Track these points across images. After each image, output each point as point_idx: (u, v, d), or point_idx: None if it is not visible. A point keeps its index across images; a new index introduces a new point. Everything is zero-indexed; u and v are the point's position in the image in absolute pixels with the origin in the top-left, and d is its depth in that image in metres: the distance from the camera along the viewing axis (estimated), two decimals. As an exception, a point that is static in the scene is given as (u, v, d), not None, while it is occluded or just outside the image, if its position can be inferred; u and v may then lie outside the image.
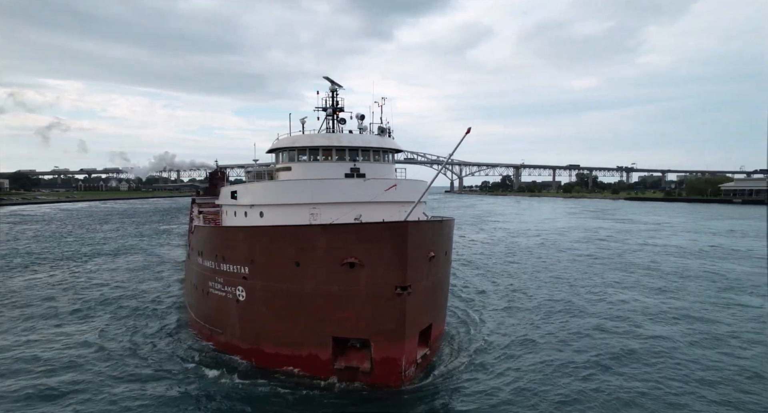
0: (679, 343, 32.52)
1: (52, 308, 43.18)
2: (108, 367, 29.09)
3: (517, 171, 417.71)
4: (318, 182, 29.73)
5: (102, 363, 29.79)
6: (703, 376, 27.19)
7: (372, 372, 25.51)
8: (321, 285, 26.06)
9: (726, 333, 34.44)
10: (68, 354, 31.48)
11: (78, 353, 31.77)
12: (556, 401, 24.26)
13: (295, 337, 27.37)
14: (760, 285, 50.09)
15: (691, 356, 30.26)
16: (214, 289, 31.96)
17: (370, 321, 25.24)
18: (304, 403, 24.42)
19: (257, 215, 30.99)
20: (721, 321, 37.42)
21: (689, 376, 27.21)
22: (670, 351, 30.99)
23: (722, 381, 26.63)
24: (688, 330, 35.27)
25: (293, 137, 32.44)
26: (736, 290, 48.35)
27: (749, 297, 45.28)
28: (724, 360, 29.44)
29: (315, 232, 26.07)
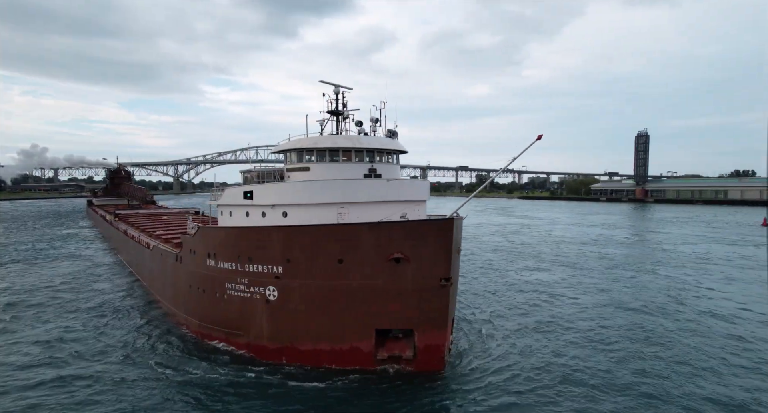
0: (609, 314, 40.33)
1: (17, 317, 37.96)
2: (126, 388, 26.98)
3: (423, 172, 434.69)
4: (345, 182, 30.30)
5: (109, 385, 27.33)
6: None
7: (415, 359, 26.96)
8: (366, 280, 26.95)
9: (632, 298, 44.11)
10: (65, 367, 28.59)
11: (77, 367, 28.97)
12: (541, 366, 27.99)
13: (336, 332, 27.86)
14: (637, 263, 65.61)
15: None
16: (234, 291, 31.00)
17: (416, 311, 26.70)
18: (348, 394, 25.09)
19: (279, 215, 30.57)
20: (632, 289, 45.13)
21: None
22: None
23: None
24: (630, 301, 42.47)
25: (313, 138, 32.39)
26: (623, 266, 63.22)
27: (633, 272, 59.05)
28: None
29: (362, 230, 26.86)
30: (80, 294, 47.99)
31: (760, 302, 43.57)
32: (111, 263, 67.74)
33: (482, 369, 27.96)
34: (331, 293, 27.67)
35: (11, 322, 38.54)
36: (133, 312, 41.63)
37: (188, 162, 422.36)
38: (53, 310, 42.05)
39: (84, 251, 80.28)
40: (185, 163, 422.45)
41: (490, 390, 25.31)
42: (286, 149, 33.10)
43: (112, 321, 38.69)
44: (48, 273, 59.64)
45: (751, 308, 41.59)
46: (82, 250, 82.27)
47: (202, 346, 32.84)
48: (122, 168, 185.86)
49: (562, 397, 24.49)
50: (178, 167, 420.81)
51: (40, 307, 42.97)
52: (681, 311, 40.86)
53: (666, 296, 45.93)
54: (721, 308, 41.49)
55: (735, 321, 38.10)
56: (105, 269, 62.47)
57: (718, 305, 42.82)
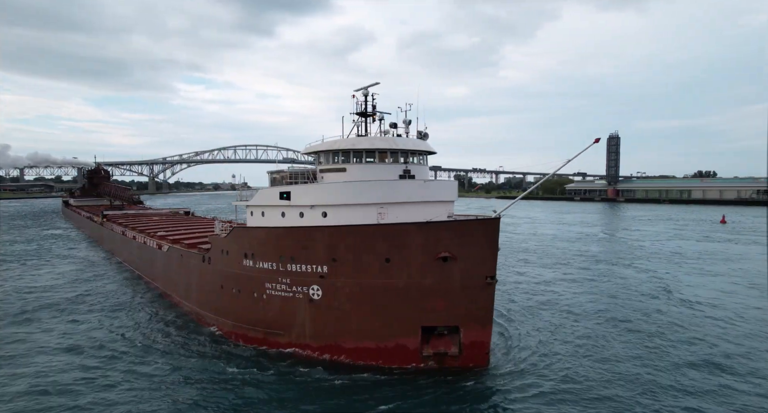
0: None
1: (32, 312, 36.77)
2: (166, 392, 26.56)
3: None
4: (384, 183, 30.58)
5: (147, 390, 26.87)
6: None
7: (460, 355, 27.55)
8: (413, 279, 27.36)
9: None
10: (97, 369, 28.06)
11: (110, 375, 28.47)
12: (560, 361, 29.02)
13: (382, 330, 28.15)
14: (616, 259, 68.82)
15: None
16: (275, 291, 30.91)
17: (462, 309, 27.28)
18: (395, 391, 25.36)
19: (318, 216, 30.61)
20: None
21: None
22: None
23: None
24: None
25: (351, 139, 32.51)
26: (604, 262, 66.64)
27: (618, 268, 62.02)
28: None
29: (410, 230, 27.26)
30: (92, 296, 46.74)
31: (736, 293, 46.56)
32: (107, 264, 66.00)
33: (523, 364, 28.67)
34: (378, 291, 27.95)
35: (31, 325, 37.36)
36: (152, 313, 40.88)
37: (164, 161, 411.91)
38: (73, 313, 40.89)
39: (77, 253, 77.79)
40: (161, 162, 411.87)
41: (533, 384, 25.83)
42: (321, 150, 33.10)
43: (135, 322, 37.95)
44: (48, 275, 57.64)
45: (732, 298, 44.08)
46: (75, 252, 79.69)
47: (238, 347, 32.59)
48: (101, 168, 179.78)
49: (602, 394, 24.93)
50: (153, 167, 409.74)
51: (56, 311, 41.72)
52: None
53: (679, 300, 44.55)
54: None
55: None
56: (103, 270, 60.79)
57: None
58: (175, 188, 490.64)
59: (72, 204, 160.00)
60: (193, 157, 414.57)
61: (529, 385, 25.63)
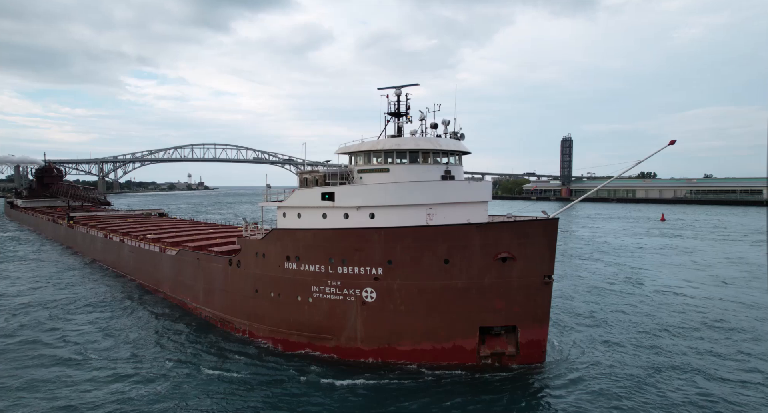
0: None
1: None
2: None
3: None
4: (432, 184, 30.05)
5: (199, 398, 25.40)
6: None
7: (518, 354, 27.46)
8: (472, 280, 27.02)
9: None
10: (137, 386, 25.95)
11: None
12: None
13: (439, 331, 27.63)
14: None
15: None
16: (322, 294, 29.64)
17: (521, 308, 27.20)
18: (454, 390, 25.00)
19: (365, 217, 29.60)
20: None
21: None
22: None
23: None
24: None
25: (394, 139, 31.56)
26: (580, 258, 69.71)
27: (590, 262, 65.55)
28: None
29: (469, 230, 26.88)
30: (94, 306, 43.19)
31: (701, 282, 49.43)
32: (88, 268, 61.42)
33: (577, 361, 28.67)
34: (436, 293, 27.39)
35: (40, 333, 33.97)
36: (170, 322, 38.28)
37: (115, 160, 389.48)
38: (82, 329, 37.57)
39: (47, 256, 71.80)
40: (112, 161, 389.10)
41: (589, 382, 25.81)
42: (363, 151, 32.07)
43: (157, 332, 35.41)
44: (28, 278, 52.76)
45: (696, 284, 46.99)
46: (45, 255, 73.60)
47: (279, 353, 31.02)
48: (53, 166, 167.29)
49: (654, 391, 24.88)
50: (103, 166, 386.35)
51: (58, 330, 38.21)
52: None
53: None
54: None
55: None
56: (88, 274, 56.41)
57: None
58: (127, 188, 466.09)
59: (20, 206, 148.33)
60: (148, 155, 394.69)
61: (584, 383, 25.69)
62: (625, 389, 24.85)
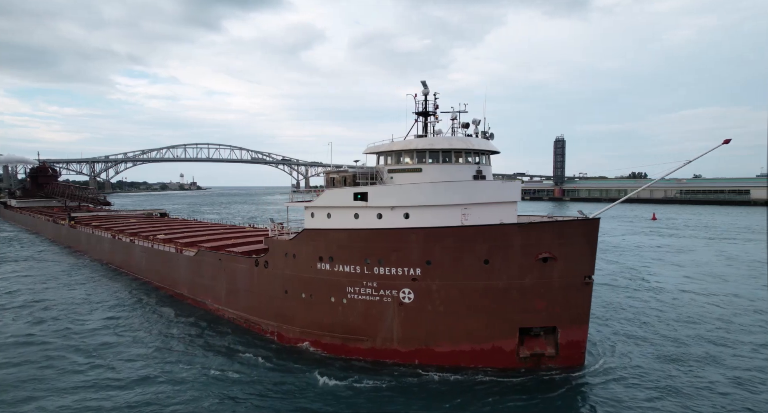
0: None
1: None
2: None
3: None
4: (467, 184, 29.68)
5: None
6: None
7: (557, 355, 27.16)
8: (513, 280, 26.68)
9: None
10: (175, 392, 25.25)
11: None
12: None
13: (479, 332, 27.26)
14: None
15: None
16: (357, 295, 29.10)
17: (561, 309, 26.89)
18: (493, 391, 24.68)
19: (399, 217, 29.08)
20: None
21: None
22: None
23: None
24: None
25: (427, 139, 31.08)
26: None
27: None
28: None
29: (511, 231, 26.54)
30: (112, 308, 42.19)
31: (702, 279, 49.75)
32: (92, 267, 60.19)
33: (616, 362, 28.28)
34: (475, 293, 27.01)
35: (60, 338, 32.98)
36: (192, 323, 37.44)
37: (107, 160, 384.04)
38: (103, 332, 36.60)
39: (48, 256, 70.22)
40: (103, 160, 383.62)
41: (629, 384, 25.48)
42: (394, 150, 31.54)
43: (186, 334, 34.57)
44: (35, 278, 51.47)
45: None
46: (42, 254, 72.00)
47: (311, 354, 30.45)
48: (48, 166, 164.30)
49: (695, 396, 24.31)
50: (94, 165, 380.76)
51: (76, 333, 37.19)
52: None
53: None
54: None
55: None
56: (91, 273, 55.15)
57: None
58: (118, 188, 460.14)
59: (14, 206, 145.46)
60: (140, 155, 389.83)
61: (624, 385, 25.39)
62: (665, 391, 24.60)
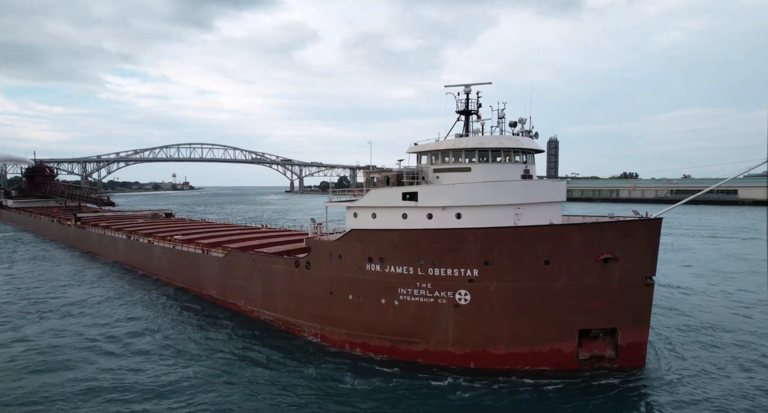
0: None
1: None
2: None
3: (353, 172, 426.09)
4: (522, 183, 29.07)
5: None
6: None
7: (617, 357, 26.51)
8: (573, 281, 26.04)
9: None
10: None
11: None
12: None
13: (537, 334, 26.57)
14: None
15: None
16: (410, 296, 28.26)
17: (621, 310, 26.27)
18: (552, 394, 24.07)
19: (451, 217, 28.31)
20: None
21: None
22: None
23: None
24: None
25: (477, 138, 30.33)
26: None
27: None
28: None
29: (572, 231, 25.93)
30: (140, 308, 40.81)
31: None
32: (107, 268, 58.55)
33: (677, 365, 27.45)
34: (535, 294, 26.31)
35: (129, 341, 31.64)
36: (227, 325, 36.23)
37: (99, 160, 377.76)
38: (138, 337, 35.26)
39: (55, 254, 68.18)
40: (95, 160, 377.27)
41: (692, 388, 24.68)
42: (441, 149, 30.77)
43: (228, 336, 33.42)
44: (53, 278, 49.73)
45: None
46: (49, 253, 69.93)
47: (358, 356, 29.54)
48: (45, 166, 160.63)
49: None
50: (86, 165, 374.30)
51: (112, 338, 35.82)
52: None
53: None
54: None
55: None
56: (109, 274, 53.50)
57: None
58: (110, 188, 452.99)
59: (10, 206, 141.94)
60: (132, 155, 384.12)
61: (687, 389, 24.62)
62: (728, 396, 23.95)
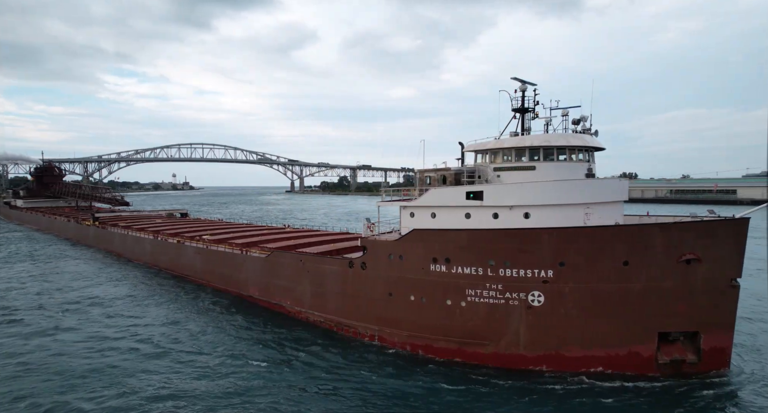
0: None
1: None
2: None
3: (354, 172, 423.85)
4: (590, 182, 28.13)
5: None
6: None
7: (700, 362, 25.33)
8: (653, 282, 25.06)
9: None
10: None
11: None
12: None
13: (614, 336, 25.57)
14: None
15: None
16: (479, 298, 27.22)
17: (705, 313, 25.17)
18: (634, 397, 23.11)
19: (519, 217, 27.33)
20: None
21: None
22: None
23: None
24: None
25: (542, 135, 29.36)
26: None
27: None
28: None
29: (652, 231, 24.96)
30: (182, 312, 39.51)
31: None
32: (136, 269, 57.11)
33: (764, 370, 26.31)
34: (613, 296, 25.31)
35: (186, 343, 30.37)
36: (277, 327, 35.01)
37: (100, 160, 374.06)
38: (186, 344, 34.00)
39: (78, 253, 66.57)
40: (96, 160, 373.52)
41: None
42: (503, 148, 29.77)
43: (277, 340, 32.21)
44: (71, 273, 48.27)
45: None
46: (73, 252, 68.33)
47: (422, 359, 28.48)
48: (53, 166, 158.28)
49: None
50: (87, 165, 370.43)
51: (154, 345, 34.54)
52: None
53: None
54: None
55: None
56: (141, 275, 52.08)
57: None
58: (110, 188, 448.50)
59: (20, 206, 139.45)
60: (133, 155, 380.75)
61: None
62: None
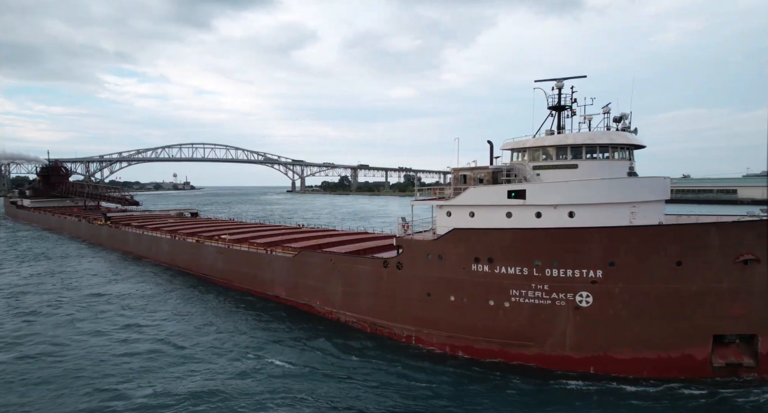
0: None
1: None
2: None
3: (354, 172, 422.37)
4: (636, 180, 27.47)
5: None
6: None
7: (757, 365, 24.51)
8: (708, 283, 24.29)
9: None
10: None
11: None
12: None
13: (666, 339, 24.78)
14: None
15: None
16: (524, 298, 26.44)
17: (763, 315, 24.33)
18: (688, 402, 22.34)
19: (563, 216, 26.59)
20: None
21: None
22: None
23: None
24: None
25: (586, 133, 28.64)
26: None
27: None
28: None
29: (707, 230, 24.21)
30: (210, 314, 38.60)
31: None
32: (153, 268, 56.23)
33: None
34: (665, 297, 24.53)
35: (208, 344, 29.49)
36: (301, 325, 34.24)
37: (101, 160, 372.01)
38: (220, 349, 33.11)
39: (94, 252, 65.50)
40: (98, 160, 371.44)
41: None
42: (543, 146, 29.09)
43: (312, 344, 31.34)
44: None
45: None
46: (87, 251, 67.30)
47: (463, 360, 27.72)
48: (60, 165, 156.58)
49: None
50: (89, 165, 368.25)
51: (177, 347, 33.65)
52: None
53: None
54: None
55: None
56: (160, 274, 51.10)
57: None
58: (112, 188, 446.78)
59: (27, 206, 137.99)
60: (135, 155, 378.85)
61: None
62: None
